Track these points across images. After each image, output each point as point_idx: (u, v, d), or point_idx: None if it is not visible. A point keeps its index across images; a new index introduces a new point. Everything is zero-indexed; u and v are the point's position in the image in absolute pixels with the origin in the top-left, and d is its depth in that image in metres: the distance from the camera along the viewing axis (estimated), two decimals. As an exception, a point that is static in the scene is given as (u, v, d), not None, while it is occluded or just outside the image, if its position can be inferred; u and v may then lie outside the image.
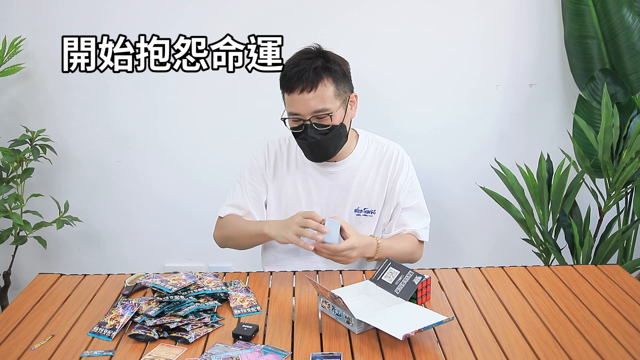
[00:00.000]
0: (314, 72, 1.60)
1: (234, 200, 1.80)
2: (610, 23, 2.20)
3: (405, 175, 1.78)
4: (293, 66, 1.63)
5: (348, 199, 1.76)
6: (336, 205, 1.77)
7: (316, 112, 1.62)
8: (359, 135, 1.82)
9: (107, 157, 2.56)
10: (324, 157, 1.72)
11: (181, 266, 2.61)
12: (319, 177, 1.77)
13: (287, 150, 1.81)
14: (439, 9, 2.38)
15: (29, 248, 2.56)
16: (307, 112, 1.62)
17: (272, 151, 1.82)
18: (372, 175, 1.77)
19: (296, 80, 1.60)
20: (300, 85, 1.60)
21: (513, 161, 2.35)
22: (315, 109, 1.61)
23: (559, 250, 2.22)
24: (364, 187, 1.76)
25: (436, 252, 2.45)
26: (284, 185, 1.79)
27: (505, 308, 1.42)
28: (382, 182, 1.77)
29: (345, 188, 1.76)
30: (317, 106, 1.61)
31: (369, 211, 1.76)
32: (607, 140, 2.10)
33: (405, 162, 1.79)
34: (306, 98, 1.60)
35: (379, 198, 1.76)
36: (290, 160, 1.80)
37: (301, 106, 1.62)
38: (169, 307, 1.35)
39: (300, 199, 1.77)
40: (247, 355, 1.19)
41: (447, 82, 2.46)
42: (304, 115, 1.63)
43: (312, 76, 1.60)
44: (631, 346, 1.25)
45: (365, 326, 1.30)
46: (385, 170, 1.77)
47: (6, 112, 2.51)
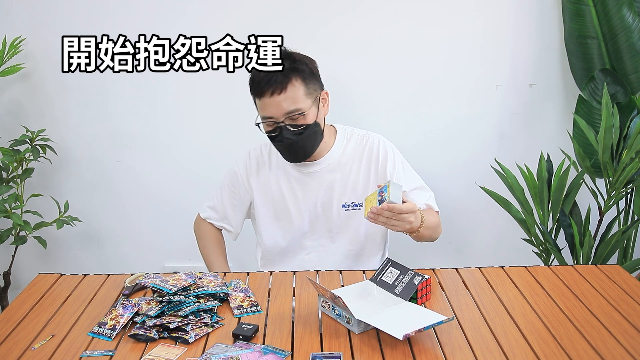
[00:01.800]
0: (282, 74, 1.60)
1: (213, 203, 1.90)
2: (611, 23, 2.20)
3: (393, 163, 1.78)
4: (260, 70, 1.63)
5: (334, 195, 1.76)
6: (323, 202, 1.77)
7: (289, 113, 1.62)
8: (337, 130, 1.82)
9: (107, 157, 2.56)
10: (302, 157, 1.72)
11: (181, 266, 2.61)
12: (302, 177, 1.77)
13: (268, 155, 1.83)
14: (439, 9, 2.38)
15: (29, 248, 2.56)
16: (280, 114, 1.62)
17: (254, 158, 1.84)
18: (354, 169, 1.77)
19: (265, 84, 1.60)
20: (269, 88, 1.60)
21: (513, 161, 2.35)
22: (288, 110, 1.62)
23: (559, 250, 2.22)
24: (349, 182, 1.76)
25: (436, 252, 2.45)
26: (270, 188, 1.80)
27: (505, 308, 1.42)
28: (365, 174, 1.77)
29: (329, 185, 1.76)
30: (289, 107, 1.61)
31: (357, 204, 1.77)
32: (607, 140, 2.10)
33: (388, 150, 1.79)
34: (277, 100, 1.60)
35: (365, 191, 1.76)
36: (271, 164, 1.81)
37: (273, 109, 1.62)
38: (169, 307, 1.35)
39: (287, 201, 1.78)
40: (247, 355, 1.19)
41: (447, 82, 2.46)
42: (277, 118, 1.63)
43: (281, 78, 1.60)
44: (631, 346, 1.25)
45: (365, 326, 1.30)
46: (367, 162, 1.77)
47: (6, 112, 2.51)
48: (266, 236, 1.84)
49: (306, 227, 1.79)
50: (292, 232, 1.81)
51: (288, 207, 1.78)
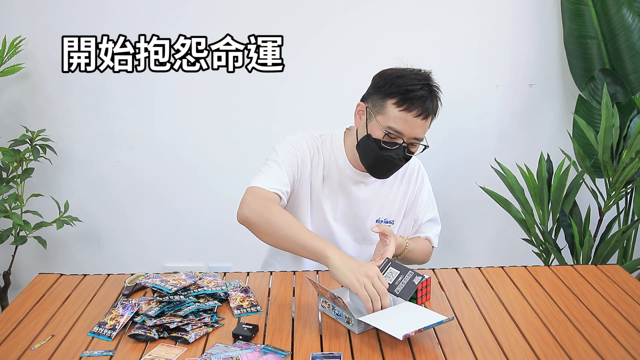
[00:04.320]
0: (431, 104, 1.58)
1: (272, 176, 1.61)
2: (610, 23, 2.20)
3: (427, 190, 1.81)
4: (420, 88, 1.57)
5: (372, 209, 1.76)
6: (361, 214, 1.74)
7: (416, 138, 1.60)
8: None
9: (107, 157, 2.56)
10: (386, 177, 1.71)
11: (181, 266, 2.61)
12: (351, 186, 1.73)
13: (319, 153, 1.73)
14: (439, 9, 2.38)
15: (29, 248, 2.56)
16: (410, 136, 1.59)
17: (312, 148, 1.72)
18: (395, 187, 1.77)
19: (420, 105, 1.56)
20: (420, 110, 1.56)
21: (513, 161, 2.35)
22: (418, 136, 1.60)
23: (559, 250, 2.22)
24: (387, 198, 1.76)
25: (436, 252, 2.44)
26: (314, 186, 1.73)
27: (505, 308, 1.42)
28: (403, 194, 1.77)
29: (371, 199, 1.76)
30: (419, 134, 1.60)
31: (389, 221, 1.77)
32: (607, 140, 2.10)
33: (425, 176, 1.81)
34: (417, 123, 1.57)
35: (400, 209, 1.77)
36: (325, 159, 1.73)
37: (409, 128, 1.58)
38: (169, 307, 1.35)
39: (324, 206, 1.73)
40: (247, 355, 1.19)
41: (447, 82, 2.44)
42: (405, 136, 1.59)
43: (431, 107, 1.58)
44: (631, 346, 1.25)
45: (365, 326, 1.30)
46: (407, 183, 1.78)
47: (6, 112, 2.51)
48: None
49: (336, 234, 1.76)
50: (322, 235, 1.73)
51: (325, 211, 1.74)
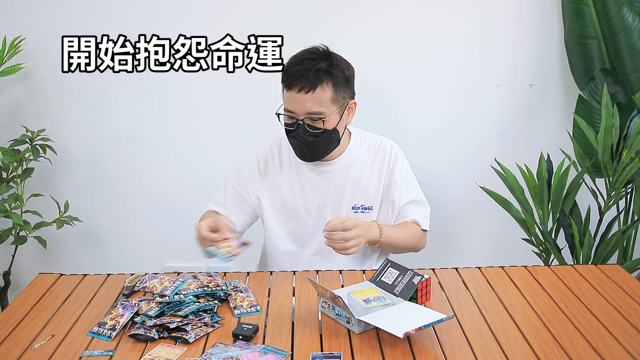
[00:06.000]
0: (315, 74, 1.59)
1: (217, 199, 1.85)
2: (611, 23, 2.20)
3: (400, 169, 1.78)
4: (296, 64, 1.62)
5: (344, 196, 1.76)
6: (333, 203, 1.76)
7: (310, 113, 1.62)
8: (351, 132, 1.82)
9: (107, 157, 2.56)
10: (313, 159, 1.71)
11: (181, 266, 2.61)
12: (314, 176, 1.76)
13: (278, 151, 1.81)
14: (439, 9, 2.38)
15: (29, 248, 2.56)
16: (301, 112, 1.62)
17: (262, 154, 1.81)
18: (367, 172, 1.77)
19: (296, 79, 1.60)
20: (299, 84, 1.59)
21: (513, 161, 2.35)
22: (310, 111, 1.61)
23: (559, 250, 2.22)
24: (360, 184, 1.76)
25: (436, 252, 2.45)
26: (278, 186, 1.78)
27: (505, 308, 1.42)
28: (377, 177, 1.77)
29: (340, 186, 1.76)
30: (311, 108, 1.61)
31: (366, 207, 1.77)
32: (607, 140, 2.10)
33: (398, 156, 1.80)
34: (303, 98, 1.60)
35: (376, 194, 1.76)
36: (282, 160, 1.79)
37: (296, 105, 1.62)
38: (169, 307, 1.35)
39: (296, 199, 1.77)
40: (247, 355, 1.19)
41: (447, 82, 2.46)
42: (297, 115, 1.63)
43: (313, 77, 1.59)
44: (631, 346, 1.25)
45: (365, 326, 1.30)
46: (380, 166, 1.77)
47: (6, 112, 2.51)
48: (272, 234, 1.82)
49: (313, 227, 1.79)
50: (299, 232, 1.80)
51: (297, 206, 1.77)
